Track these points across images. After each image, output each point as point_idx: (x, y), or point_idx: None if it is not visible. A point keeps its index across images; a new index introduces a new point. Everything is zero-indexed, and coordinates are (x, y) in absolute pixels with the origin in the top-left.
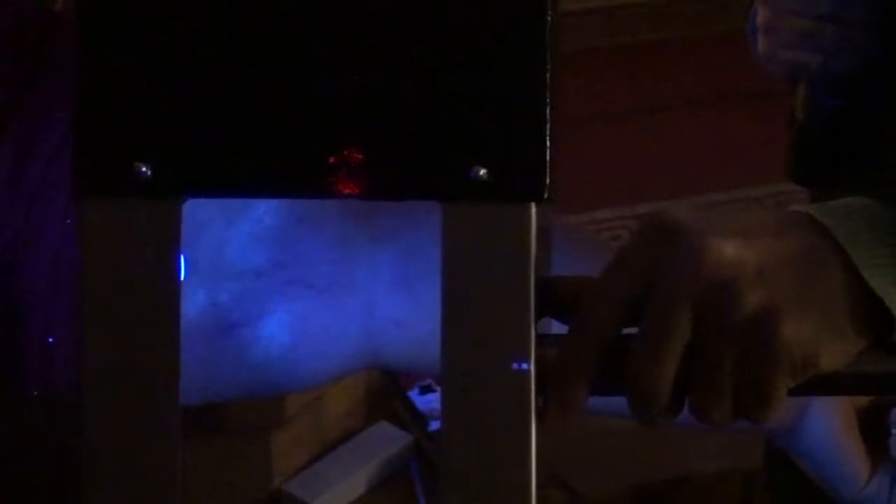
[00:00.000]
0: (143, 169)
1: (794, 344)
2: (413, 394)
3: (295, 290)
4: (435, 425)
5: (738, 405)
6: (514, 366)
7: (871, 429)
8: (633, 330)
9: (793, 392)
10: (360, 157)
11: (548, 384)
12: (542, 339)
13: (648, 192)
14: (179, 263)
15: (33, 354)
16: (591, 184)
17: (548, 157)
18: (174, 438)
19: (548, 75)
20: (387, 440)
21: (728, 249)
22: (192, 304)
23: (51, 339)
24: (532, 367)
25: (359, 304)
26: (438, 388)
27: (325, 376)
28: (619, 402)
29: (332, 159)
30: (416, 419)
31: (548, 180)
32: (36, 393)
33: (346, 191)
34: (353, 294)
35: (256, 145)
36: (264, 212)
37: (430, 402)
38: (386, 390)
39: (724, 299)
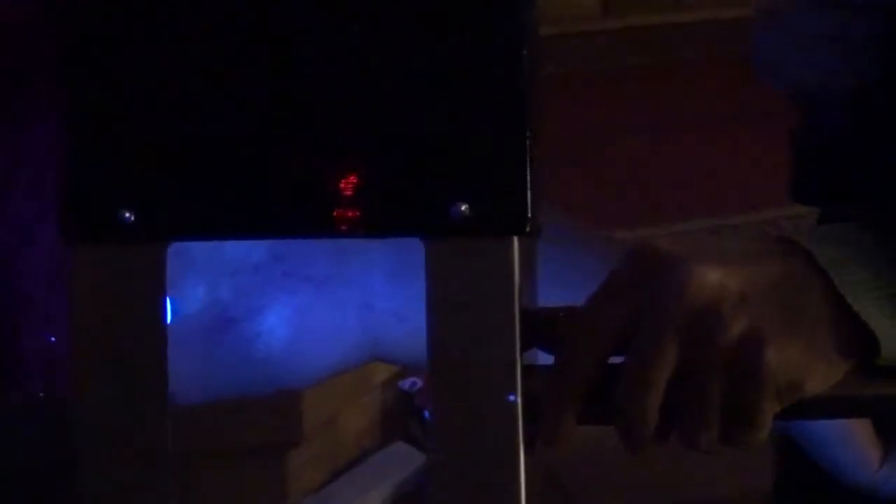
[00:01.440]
0: (128, 215)
1: (778, 369)
2: (429, 414)
3: (293, 284)
4: None
5: (724, 432)
6: (502, 398)
7: None
8: (619, 359)
9: (779, 417)
10: (342, 198)
11: (536, 415)
12: (529, 370)
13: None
14: (165, 306)
15: (35, 355)
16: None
17: (528, 191)
18: (166, 477)
19: (527, 111)
20: (402, 461)
21: (711, 277)
22: (192, 300)
23: (52, 339)
24: (519, 399)
25: (356, 297)
26: None
27: (325, 370)
28: None
29: (313, 200)
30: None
31: (529, 214)
32: (42, 394)
33: (327, 230)
34: (351, 287)
35: (238, 189)
36: None
37: None
38: (402, 411)
39: (709, 326)
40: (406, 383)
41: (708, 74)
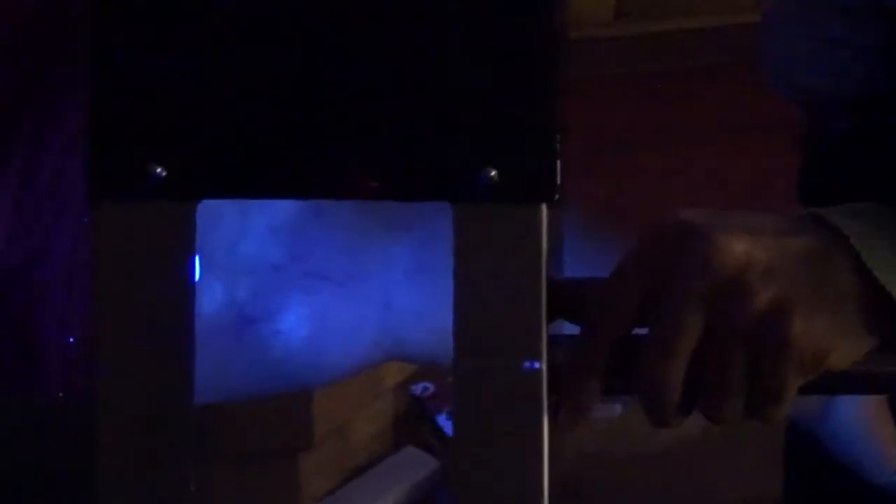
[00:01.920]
0: (158, 170)
1: (804, 340)
2: (441, 419)
3: (312, 283)
4: None
5: (748, 404)
6: (526, 365)
7: None
8: (643, 330)
9: (803, 391)
10: (372, 158)
11: (559, 383)
12: (553, 339)
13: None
14: (194, 265)
15: (54, 356)
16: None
17: (558, 159)
18: (188, 440)
19: (558, 78)
20: (414, 465)
21: (738, 247)
22: (210, 300)
23: (71, 339)
24: (544, 367)
25: (376, 296)
26: None
27: (344, 369)
28: None
29: (344, 161)
30: (443, 444)
31: (558, 181)
32: (60, 395)
33: (358, 192)
34: (370, 286)
35: (270, 147)
36: (280, 207)
37: None
38: (414, 415)
39: (734, 297)
40: (418, 388)
41: (721, 80)
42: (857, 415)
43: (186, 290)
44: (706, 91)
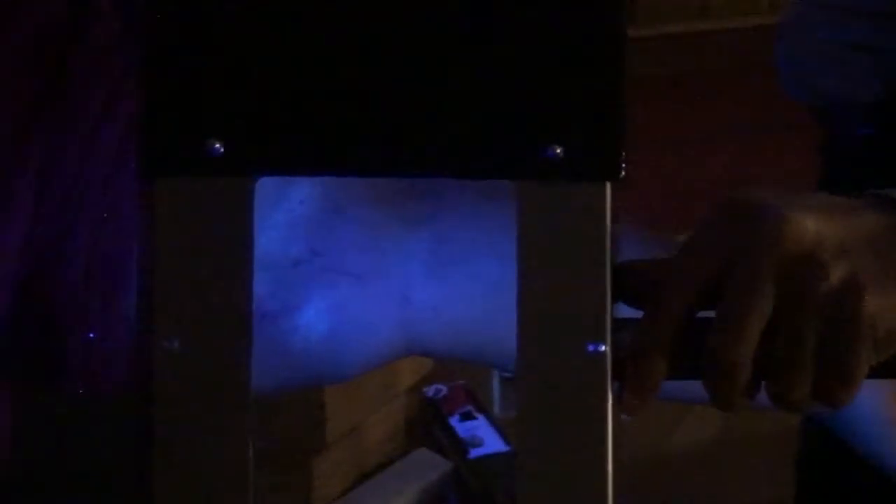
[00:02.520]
0: (217, 146)
1: (877, 318)
2: (453, 420)
3: (331, 278)
4: (475, 453)
5: (817, 386)
6: (590, 348)
7: None
8: (708, 313)
9: (873, 374)
10: (436, 135)
11: (624, 367)
12: (616, 322)
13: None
14: (252, 242)
15: (75, 352)
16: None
17: (623, 136)
18: (245, 423)
19: (624, 53)
20: (426, 467)
21: (809, 224)
22: None
23: (91, 335)
24: (608, 350)
25: (395, 291)
26: (479, 416)
27: (363, 365)
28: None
29: (406, 137)
30: (456, 446)
31: (623, 159)
32: (81, 391)
33: (420, 169)
34: (389, 281)
35: (331, 122)
36: (298, 201)
37: (470, 430)
38: (426, 417)
39: (806, 273)
40: (430, 390)
41: (736, 83)
42: (876, 404)
43: (246, 267)
44: (722, 92)
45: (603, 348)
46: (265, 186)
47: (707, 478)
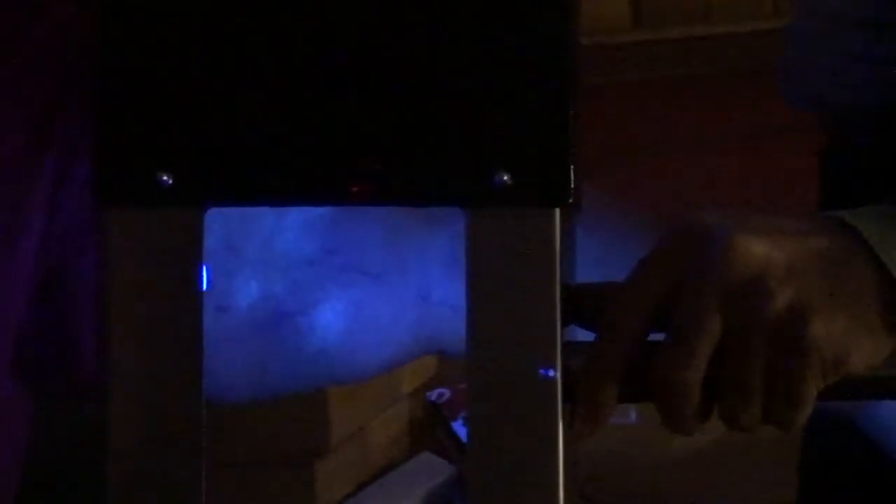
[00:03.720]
0: (165, 178)
1: (824, 342)
2: (457, 424)
3: (348, 277)
4: None
5: (767, 409)
6: (541, 373)
7: None
8: (659, 337)
9: (822, 397)
10: (382, 163)
11: (575, 391)
12: (567, 346)
13: None
14: (201, 272)
15: (88, 356)
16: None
17: (570, 162)
18: (198, 444)
19: (571, 80)
20: (430, 471)
21: (757, 248)
22: (245, 296)
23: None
24: (559, 374)
25: (413, 290)
26: None
27: (382, 365)
28: None
29: (352, 166)
30: (460, 450)
31: (571, 185)
32: (96, 397)
33: (368, 198)
34: (407, 280)
35: (277, 154)
36: None
37: None
38: (430, 421)
39: (754, 297)
40: (433, 394)
41: (739, 87)
42: None
43: (194, 296)
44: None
45: (552, 373)
46: None
47: (708, 482)
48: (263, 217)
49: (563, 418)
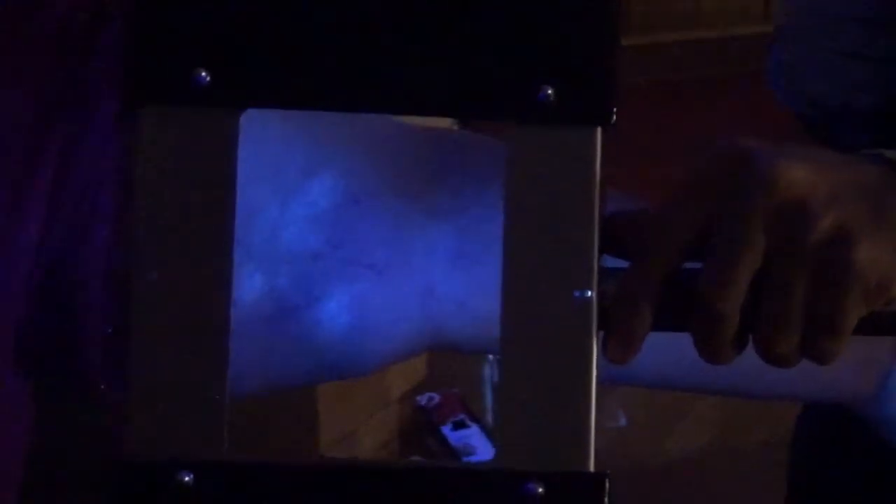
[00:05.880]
0: (203, 75)
1: (868, 267)
2: (446, 429)
3: (353, 271)
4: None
5: (805, 337)
6: (576, 294)
7: None
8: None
9: (861, 328)
10: (427, 73)
11: (609, 315)
12: (603, 272)
13: None
14: (235, 174)
15: (94, 348)
16: None
17: (616, 80)
18: (225, 352)
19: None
20: None
21: (799, 172)
22: (249, 290)
23: (109, 331)
24: (594, 295)
25: (418, 284)
26: (472, 424)
27: (386, 358)
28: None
29: (397, 75)
30: (449, 455)
31: (615, 104)
32: (102, 387)
33: (408, 107)
34: (412, 274)
35: (319, 57)
36: (319, 193)
37: (463, 438)
38: (419, 426)
39: (797, 222)
40: (423, 398)
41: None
42: None
43: (229, 197)
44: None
45: (589, 294)
46: (285, 178)
47: (698, 486)
48: (268, 210)
49: (597, 343)
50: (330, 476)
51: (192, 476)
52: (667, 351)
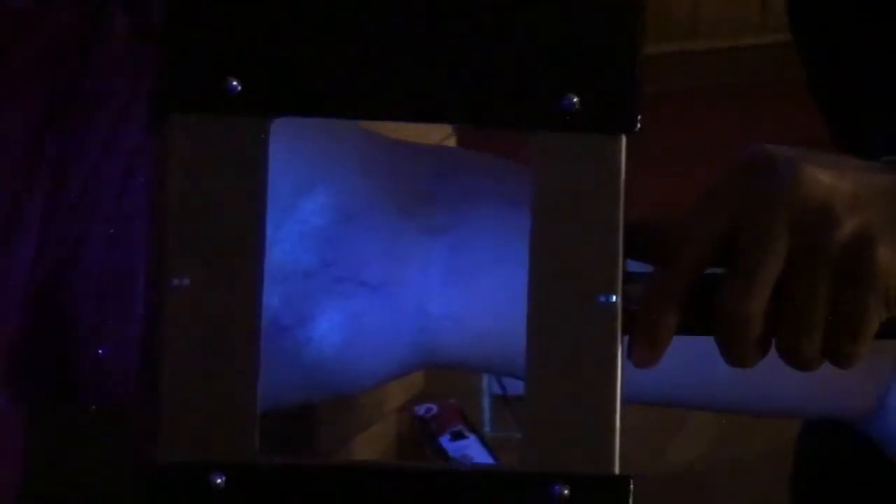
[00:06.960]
0: (234, 83)
1: (889, 271)
2: (444, 440)
3: (346, 289)
4: None
5: (828, 341)
6: (601, 298)
7: None
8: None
9: (884, 332)
10: (453, 81)
11: (635, 319)
12: (628, 276)
13: None
14: (267, 182)
15: (85, 369)
16: None
17: (640, 88)
18: (255, 358)
19: (642, 6)
20: None
21: (823, 177)
22: None
23: (101, 351)
24: (619, 300)
25: (412, 301)
26: (470, 435)
27: (380, 376)
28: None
29: (423, 83)
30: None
31: (639, 112)
32: (93, 407)
33: (434, 116)
34: (406, 290)
35: (351, 65)
36: (311, 211)
37: (461, 449)
38: (416, 436)
39: (820, 226)
40: (421, 409)
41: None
42: None
43: (260, 205)
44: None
45: (614, 299)
46: (277, 197)
47: (698, 497)
48: None
49: (622, 347)
50: (359, 478)
51: (223, 478)
52: (667, 368)
